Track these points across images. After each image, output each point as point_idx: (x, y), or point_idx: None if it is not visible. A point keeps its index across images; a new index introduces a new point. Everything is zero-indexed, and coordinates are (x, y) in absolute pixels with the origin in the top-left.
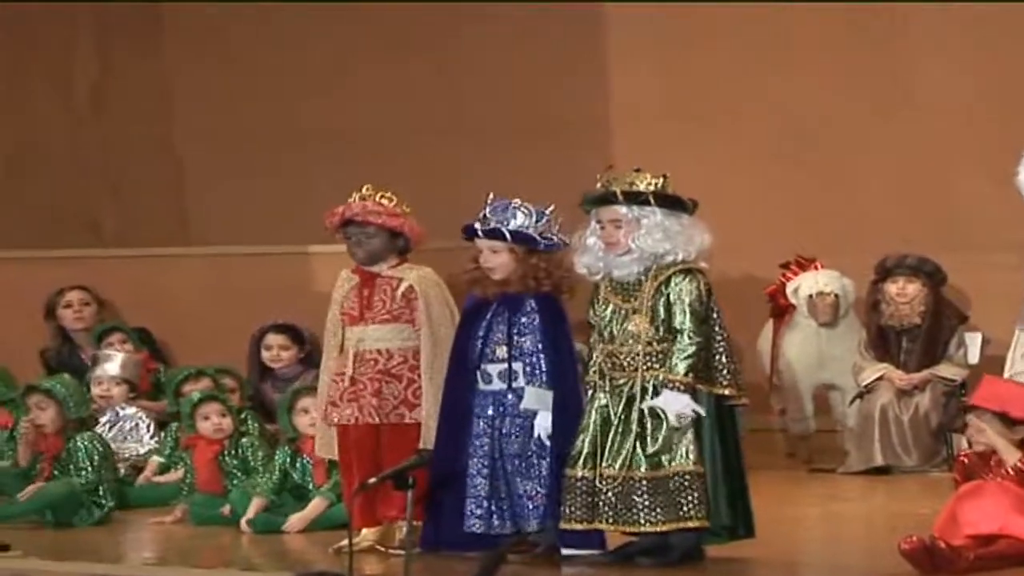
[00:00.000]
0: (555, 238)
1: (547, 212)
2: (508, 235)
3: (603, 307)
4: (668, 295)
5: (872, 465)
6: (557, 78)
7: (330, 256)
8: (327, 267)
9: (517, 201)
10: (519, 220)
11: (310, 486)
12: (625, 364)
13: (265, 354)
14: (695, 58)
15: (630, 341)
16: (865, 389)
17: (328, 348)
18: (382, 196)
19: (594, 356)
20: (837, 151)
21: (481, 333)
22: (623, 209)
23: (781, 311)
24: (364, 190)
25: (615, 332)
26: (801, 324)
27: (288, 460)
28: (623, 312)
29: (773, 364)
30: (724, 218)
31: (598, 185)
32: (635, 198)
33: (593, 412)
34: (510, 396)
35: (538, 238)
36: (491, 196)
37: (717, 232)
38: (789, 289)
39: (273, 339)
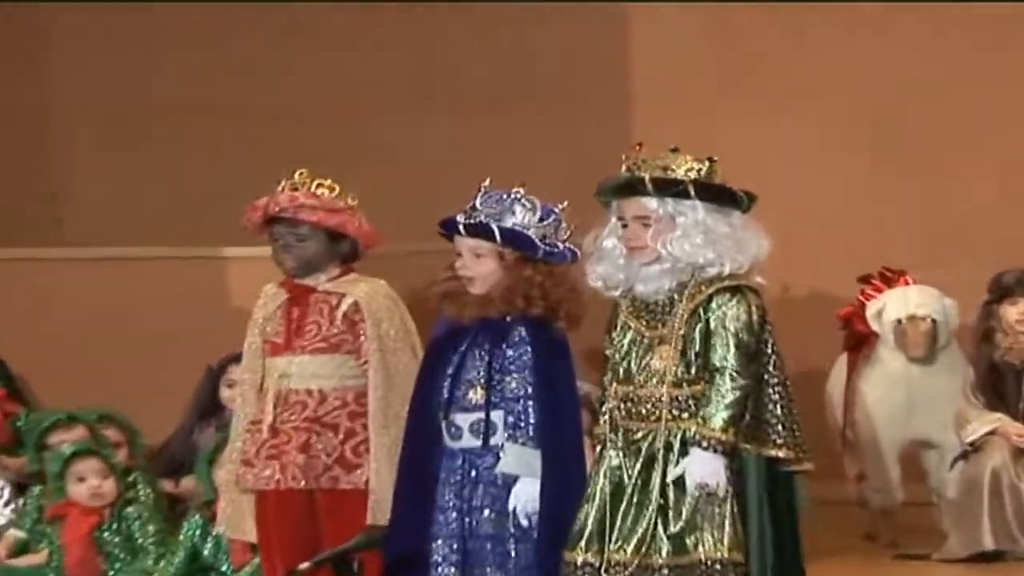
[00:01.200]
0: (561, 246)
1: (556, 210)
2: (498, 233)
3: (621, 334)
4: (708, 320)
5: (979, 550)
6: (561, 30)
7: (253, 262)
8: (249, 275)
9: (519, 192)
10: (516, 216)
11: (224, 567)
12: (645, 412)
13: (226, 392)
14: (746, 9)
15: (653, 381)
16: (971, 447)
17: (244, 387)
18: (319, 185)
19: (606, 401)
20: (936, 134)
21: (451, 371)
22: (653, 202)
23: (859, 341)
24: (296, 176)
25: (633, 369)
26: (885, 359)
27: (198, 532)
28: (646, 342)
29: (847, 414)
30: (783, 218)
31: (622, 169)
32: (669, 188)
33: (601, 477)
34: (486, 457)
35: (538, 242)
36: (487, 182)
37: (774, 237)
38: (870, 312)
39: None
